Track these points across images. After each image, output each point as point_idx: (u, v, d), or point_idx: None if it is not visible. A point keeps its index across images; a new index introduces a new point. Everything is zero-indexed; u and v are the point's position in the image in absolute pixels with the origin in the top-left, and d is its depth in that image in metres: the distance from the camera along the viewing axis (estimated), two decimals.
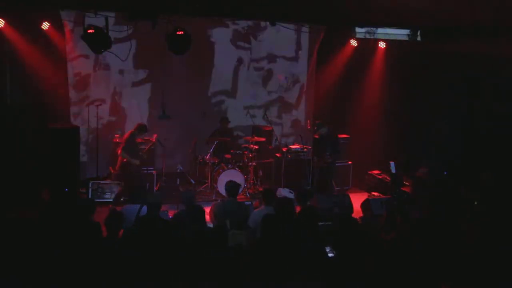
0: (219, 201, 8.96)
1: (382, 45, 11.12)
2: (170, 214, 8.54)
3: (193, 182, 10.50)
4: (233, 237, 6.01)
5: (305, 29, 11.67)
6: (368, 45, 11.26)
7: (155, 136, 9.97)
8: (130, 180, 9.33)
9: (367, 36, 10.49)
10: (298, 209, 7.36)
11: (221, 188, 9.61)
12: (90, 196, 9.53)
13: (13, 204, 8.34)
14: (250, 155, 10.56)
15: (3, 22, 8.95)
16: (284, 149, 10.91)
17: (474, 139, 9.96)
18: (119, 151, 9.28)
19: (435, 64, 10.36)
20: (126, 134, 9.57)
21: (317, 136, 10.71)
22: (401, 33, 10.50)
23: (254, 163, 10.62)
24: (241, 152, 10.54)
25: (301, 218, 6.71)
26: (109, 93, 10.91)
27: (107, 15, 8.88)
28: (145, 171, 9.94)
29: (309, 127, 11.61)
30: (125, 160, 9.23)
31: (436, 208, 8.18)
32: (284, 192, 10.42)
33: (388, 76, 11.46)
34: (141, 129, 9.47)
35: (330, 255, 5.74)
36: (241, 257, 5.59)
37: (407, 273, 5.54)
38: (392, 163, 10.16)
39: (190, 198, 7.07)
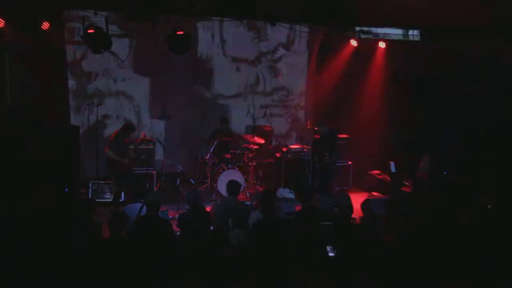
0: (218, 200, 8.99)
1: (382, 45, 11.12)
2: (170, 214, 8.56)
3: (193, 182, 10.50)
4: (235, 236, 6.01)
5: (305, 29, 11.67)
6: (368, 45, 11.26)
7: (143, 134, 9.92)
8: (123, 180, 9.31)
9: (367, 36, 10.50)
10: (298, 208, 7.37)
11: (221, 188, 9.61)
12: (90, 196, 9.52)
13: (13, 204, 8.33)
14: (250, 155, 10.56)
15: (3, 22, 8.94)
16: (284, 149, 10.91)
17: (474, 139, 9.95)
18: (106, 151, 9.23)
19: (435, 64, 10.35)
20: (113, 133, 9.52)
21: (317, 136, 10.71)
22: (401, 33, 10.51)
23: (254, 163, 10.61)
24: (241, 152, 10.54)
25: (301, 216, 6.71)
26: (109, 93, 10.91)
27: (107, 15, 8.89)
28: (145, 171, 9.93)
29: (309, 127, 11.61)
30: (112, 159, 9.19)
31: (436, 208, 8.18)
32: (284, 192, 10.43)
33: (388, 76, 11.45)
34: (128, 128, 9.33)
35: (330, 254, 5.75)
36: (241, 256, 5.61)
37: (407, 273, 5.54)
38: (392, 163, 10.15)
39: (196, 198, 7.06)
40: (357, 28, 10.30)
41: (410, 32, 10.41)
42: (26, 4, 8.62)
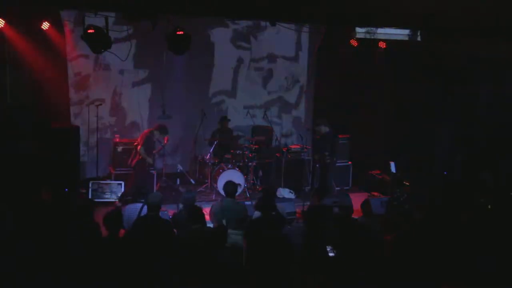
0: (218, 200, 9.00)
1: (382, 45, 11.12)
2: (170, 214, 8.55)
3: (193, 182, 10.50)
4: (229, 237, 6.02)
5: (305, 29, 11.68)
6: (368, 45, 11.26)
7: (166, 138, 9.96)
8: (141, 179, 9.34)
9: (367, 36, 10.50)
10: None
11: (221, 188, 9.61)
12: (90, 196, 9.52)
13: (12, 204, 8.33)
14: (250, 155, 10.55)
15: (3, 22, 8.94)
16: (284, 149, 10.91)
17: (474, 139, 9.96)
18: (139, 148, 9.28)
19: (435, 64, 10.36)
20: (145, 132, 9.57)
21: (317, 136, 10.71)
22: (401, 33, 10.51)
23: (254, 163, 10.61)
24: (241, 152, 10.54)
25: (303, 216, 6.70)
26: (109, 93, 10.92)
27: (107, 15, 8.89)
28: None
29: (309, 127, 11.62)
30: (141, 157, 9.24)
31: (436, 208, 8.18)
32: (284, 192, 10.43)
33: (388, 76, 11.45)
34: (162, 130, 9.47)
35: (330, 254, 5.75)
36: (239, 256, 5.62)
37: (407, 273, 5.53)
38: (392, 163, 10.16)
39: (190, 199, 7.08)
40: (357, 28, 10.31)
41: (410, 32, 10.42)
42: (26, 4, 8.61)
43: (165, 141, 9.93)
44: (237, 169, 10.19)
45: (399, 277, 5.46)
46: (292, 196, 10.35)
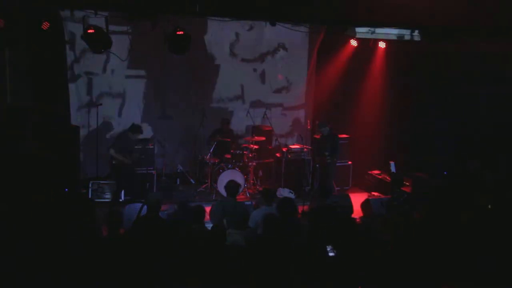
0: (219, 200, 9.00)
1: (382, 45, 11.13)
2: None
3: (193, 182, 10.50)
4: (229, 237, 6.03)
5: (305, 29, 11.68)
6: (368, 45, 11.26)
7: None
8: (123, 179, 9.31)
9: (367, 36, 10.51)
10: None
11: (221, 188, 9.62)
12: (90, 196, 9.53)
13: (12, 204, 8.33)
14: (250, 155, 10.56)
15: (3, 22, 8.93)
16: (284, 149, 10.91)
17: (474, 139, 9.96)
18: (109, 149, 9.26)
19: (435, 64, 10.36)
20: (119, 134, 9.57)
21: (317, 136, 10.72)
22: (401, 33, 10.52)
23: (254, 163, 10.62)
24: (241, 152, 10.54)
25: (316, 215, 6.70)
26: (109, 93, 10.91)
27: (107, 15, 8.89)
28: (145, 171, 9.92)
29: (309, 127, 11.60)
30: (114, 158, 9.17)
31: (436, 208, 8.17)
32: (284, 192, 10.43)
33: (388, 76, 11.46)
34: (134, 130, 9.28)
35: (330, 254, 5.74)
36: (239, 256, 5.61)
37: (407, 273, 5.53)
38: (392, 163, 10.17)
39: (184, 202, 7.10)
40: (357, 28, 10.32)
41: (410, 32, 10.43)
42: (26, 4, 8.62)
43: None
44: (237, 169, 10.19)
45: (399, 277, 5.46)
46: (292, 196, 10.33)
